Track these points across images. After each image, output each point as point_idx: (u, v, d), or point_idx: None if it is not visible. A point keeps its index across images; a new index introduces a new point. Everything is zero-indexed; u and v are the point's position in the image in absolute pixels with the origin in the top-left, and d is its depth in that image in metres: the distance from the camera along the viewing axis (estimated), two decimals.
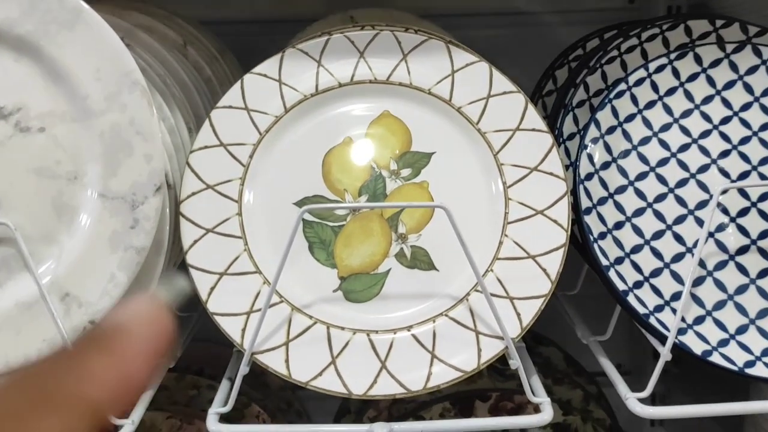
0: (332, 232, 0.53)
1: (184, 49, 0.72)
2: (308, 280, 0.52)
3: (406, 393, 0.48)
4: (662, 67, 0.57)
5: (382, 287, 0.52)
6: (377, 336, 0.50)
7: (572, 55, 0.72)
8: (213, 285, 0.51)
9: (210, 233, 0.52)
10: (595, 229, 0.53)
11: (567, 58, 0.72)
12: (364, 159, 0.54)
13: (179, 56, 0.69)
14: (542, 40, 0.80)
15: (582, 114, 0.61)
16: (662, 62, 0.57)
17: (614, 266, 0.53)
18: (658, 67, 0.56)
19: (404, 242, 0.53)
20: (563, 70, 0.72)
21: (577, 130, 0.61)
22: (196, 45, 0.75)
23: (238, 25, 0.86)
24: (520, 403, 0.87)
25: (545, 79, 0.72)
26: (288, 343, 0.50)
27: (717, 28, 0.61)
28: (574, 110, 0.61)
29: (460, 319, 0.50)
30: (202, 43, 0.77)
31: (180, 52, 0.70)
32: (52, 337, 0.48)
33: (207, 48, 0.77)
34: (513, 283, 0.51)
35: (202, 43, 0.77)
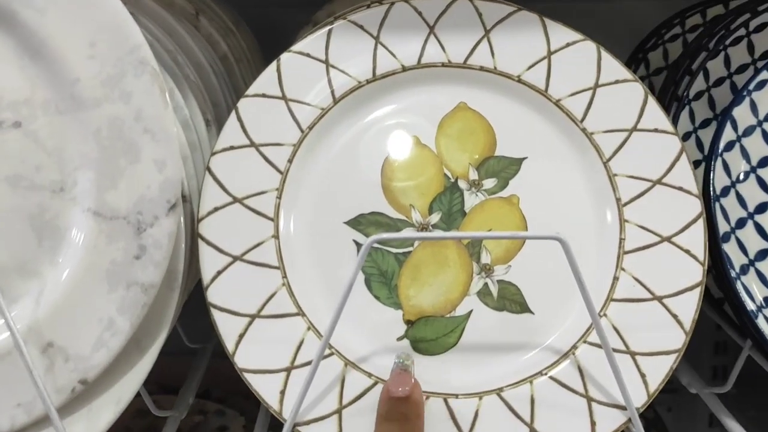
0: (396, 260, 0.41)
1: (196, 20, 0.59)
2: (365, 325, 0.40)
3: None
4: None
5: (461, 335, 0.40)
6: (457, 401, 0.38)
7: (668, 34, 0.59)
8: (242, 331, 0.39)
9: (238, 261, 0.40)
10: (736, 261, 0.41)
11: (662, 38, 0.59)
12: (435, 165, 0.42)
13: (190, 28, 0.56)
14: (624, 17, 0.67)
15: (700, 108, 0.49)
16: None
17: (762, 310, 0.41)
18: None
19: (489, 276, 0.41)
20: (657, 53, 0.59)
21: (693, 128, 0.49)
22: (208, 15, 0.62)
23: None
24: None
25: (634, 64, 0.60)
26: (341, 410, 0.38)
27: None
28: (690, 103, 0.48)
29: (566, 380, 0.38)
30: (215, 13, 0.65)
31: (191, 23, 0.58)
32: (31, 401, 0.36)
33: (221, 18, 0.64)
34: (634, 333, 0.39)
35: (215, 13, 0.65)
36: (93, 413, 0.37)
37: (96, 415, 0.37)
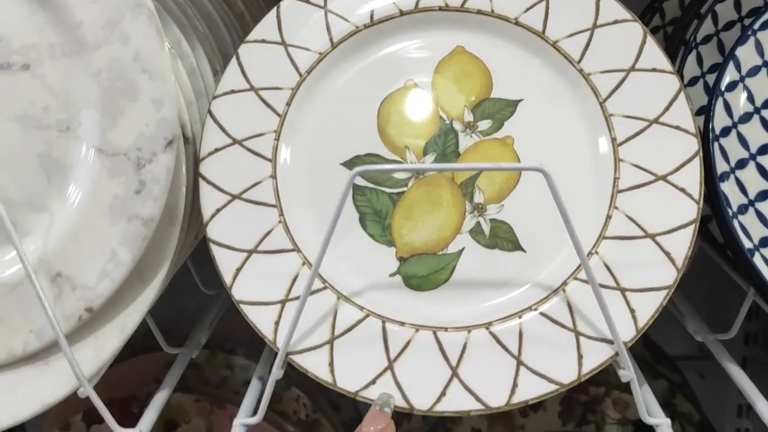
0: (390, 200, 0.42)
1: None
2: (359, 261, 0.41)
3: (483, 409, 0.37)
4: None
5: (453, 272, 0.41)
6: (446, 335, 0.39)
7: None
8: (239, 266, 0.40)
9: (236, 200, 0.41)
10: (734, 200, 0.41)
11: None
12: (431, 108, 0.43)
13: None
14: None
15: (708, 52, 0.48)
16: None
17: (759, 249, 0.40)
18: None
19: (481, 214, 0.41)
20: (673, 2, 0.58)
21: (700, 73, 0.48)
22: None
23: None
24: (596, 396, 0.77)
25: (650, 13, 0.59)
26: (333, 341, 0.39)
27: None
28: (698, 47, 0.47)
29: (555, 315, 0.39)
30: None
31: None
32: (41, 327, 0.39)
33: None
34: (625, 270, 0.39)
35: None
36: (99, 340, 0.39)
37: (102, 342, 0.39)
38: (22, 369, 0.40)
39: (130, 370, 0.80)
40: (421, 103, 0.43)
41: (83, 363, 0.39)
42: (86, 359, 0.39)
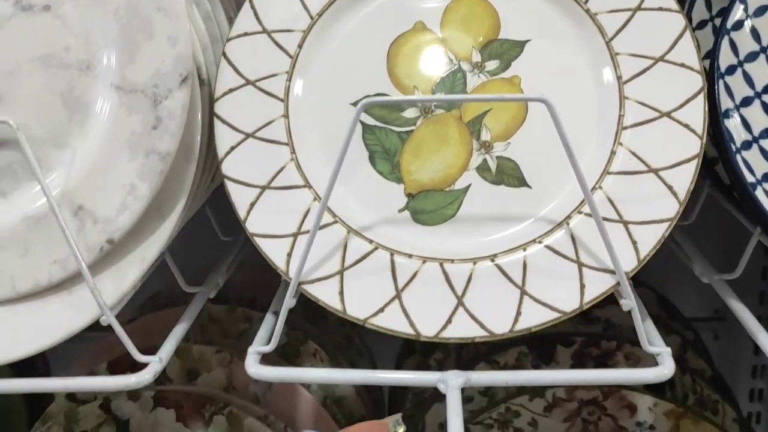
0: (398, 138, 0.43)
1: None
2: (368, 198, 0.42)
3: (487, 336, 0.39)
4: None
5: (459, 207, 0.42)
6: (452, 266, 0.40)
7: None
8: (253, 200, 0.42)
9: (250, 138, 0.42)
10: (738, 137, 0.41)
11: None
12: (439, 49, 0.44)
13: None
14: None
15: None
16: None
17: (762, 184, 0.41)
18: None
19: (488, 152, 0.42)
20: None
21: (709, 17, 0.48)
22: None
23: None
24: (608, 350, 0.77)
25: None
26: (343, 271, 0.40)
27: None
28: None
29: (558, 247, 0.40)
30: None
31: None
32: (65, 258, 0.41)
33: None
34: (628, 204, 0.40)
35: None
36: (120, 272, 0.41)
37: (123, 273, 0.41)
38: (47, 298, 0.42)
39: (153, 323, 0.82)
40: (430, 44, 0.44)
41: (105, 293, 0.41)
42: (107, 289, 0.41)
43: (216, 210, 0.58)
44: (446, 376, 0.38)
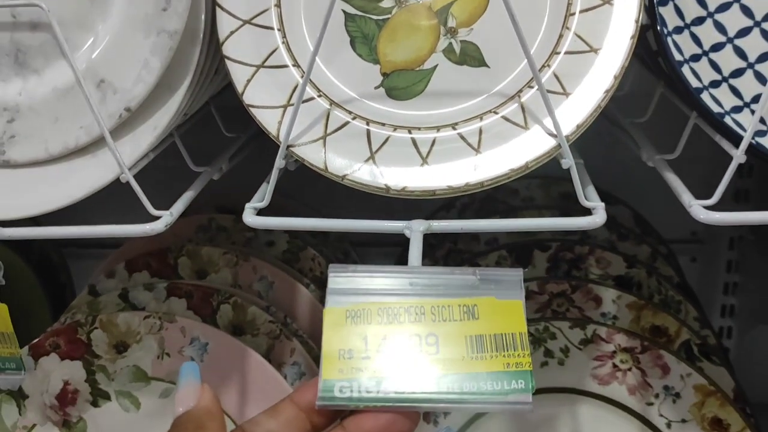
0: (376, 25, 0.49)
1: None
2: (349, 76, 0.49)
3: (447, 190, 0.45)
4: None
5: (428, 84, 0.48)
6: (419, 133, 0.47)
7: None
8: (249, 77, 0.48)
9: (247, 24, 0.49)
10: (671, 22, 0.47)
11: None
12: None
13: None
14: None
15: None
16: None
17: (689, 62, 0.47)
18: None
19: (454, 37, 0.48)
20: None
21: None
22: None
23: None
24: (581, 254, 0.84)
25: None
26: (325, 137, 0.47)
27: None
28: None
29: (510, 116, 0.46)
30: None
31: None
32: (89, 124, 0.48)
33: None
34: (571, 79, 0.46)
35: None
36: (136, 137, 0.48)
37: (138, 138, 0.48)
38: (74, 161, 0.49)
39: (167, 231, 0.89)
40: None
41: (124, 155, 0.48)
42: (126, 152, 0.48)
43: (221, 109, 0.65)
44: (411, 223, 0.45)
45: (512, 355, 0.38)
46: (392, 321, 0.39)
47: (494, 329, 0.38)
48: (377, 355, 0.39)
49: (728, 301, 1.05)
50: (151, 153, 0.51)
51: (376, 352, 0.39)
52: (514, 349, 0.38)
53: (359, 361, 0.39)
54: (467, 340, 0.39)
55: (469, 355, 0.39)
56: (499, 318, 0.38)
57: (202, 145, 0.61)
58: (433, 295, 0.39)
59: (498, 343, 0.38)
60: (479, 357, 0.38)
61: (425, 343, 0.39)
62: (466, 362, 0.39)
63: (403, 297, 0.39)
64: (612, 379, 0.70)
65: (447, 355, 0.39)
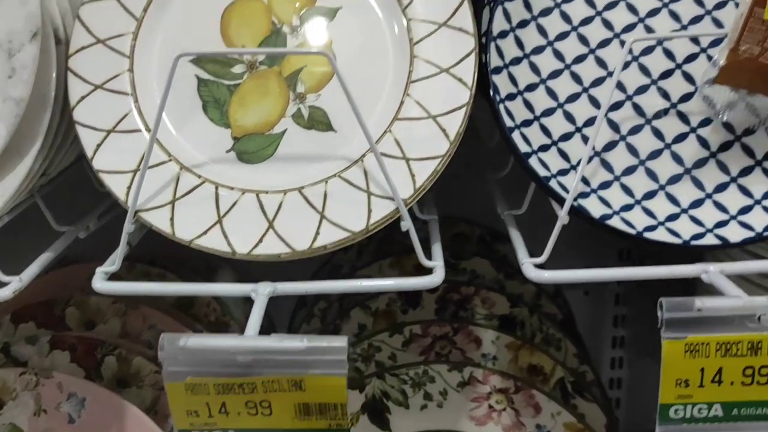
0: (228, 90, 0.51)
1: None
2: (201, 140, 0.50)
3: (291, 253, 0.47)
4: None
5: (277, 148, 0.50)
6: (267, 196, 0.48)
7: None
8: (99, 142, 0.49)
9: (99, 89, 0.50)
10: (504, 89, 0.50)
11: None
12: (265, 14, 0.51)
13: None
14: None
15: None
16: None
17: (520, 128, 0.50)
18: None
19: (302, 102, 0.50)
20: None
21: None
22: None
23: None
24: (466, 295, 0.86)
25: None
26: (174, 201, 0.48)
27: None
28: None
29: (353, 180, 0.48)
30: None
31: None
32: None
33: None
34: (410, 144, 0.48)
35: None
36: None
37: None
38: None
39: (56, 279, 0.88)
40: (257, 10, 0.51)
41: None
42: None
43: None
44: (257, 286, 0.47)
45: (334, 417, 0.40)
46: (228, 392, 0.40)
47: (319, 399, 0.40)
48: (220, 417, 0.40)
49: (618, 333, 1.10)
50: (6, 216, 0.51)
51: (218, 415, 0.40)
52: (335, 417, 0.40)
53: (205, 423, 0.40)
54: (296, 406, 0.40)
55: (297, 417, 0.40)
56: (323, 391, 0.40)
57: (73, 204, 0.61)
58: (262, 372, 0.40)
59: (322, 410, 0.40)
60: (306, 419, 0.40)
61: (259, 406, 0.41)
62: (296, 423, 0.40)
63: (234, 376, 0.40)
64: (488, 419, 0.72)
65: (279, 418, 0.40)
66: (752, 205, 0.48)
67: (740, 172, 0.50)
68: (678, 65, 0.51)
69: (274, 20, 0.51)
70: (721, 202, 0.49)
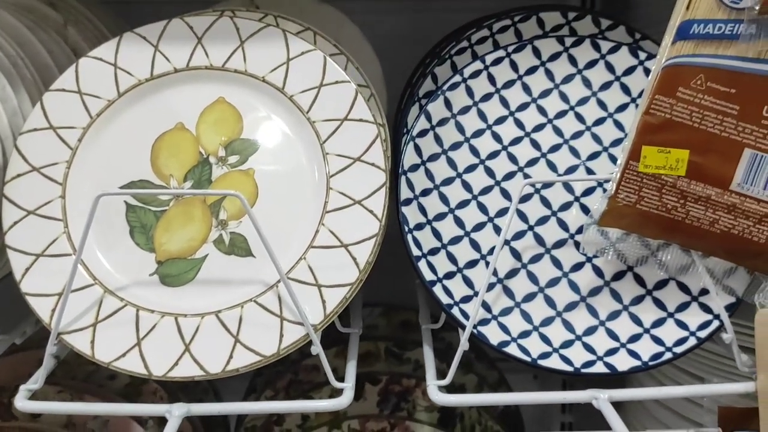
0: (154, 216, 0.54)
1: (65, 30, 0.72)
2: (126, 264, 0.53)
3: (204, 375, 0.49)
4: (500, 59, 0.57)
5: (198, 272, 0.53)
6: (185, 320, 0.51)
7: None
8: (28, 266, 0.52)
9: (31, 215, 0.53)
10: (413, 220, 0.54)
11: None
12: (193, 145, 0.55)
13: (57, 38, 0.69)
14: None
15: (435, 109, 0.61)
16: (500, 54, 0.56)
17: (427, 257, 0.53)
18: (495, 60, 0.56)
19: (224, 228, 0.53)
20: None
21: None
22: (82, 25, 0.75)
23: (147, 5, 0.85)
24: (408, 387, 0.89)
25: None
26: (96, 324, 0.51)
27: (569, 21, 0.61)
28: (420, 101, 0.61)
29: (267, 305, 0.51)
30: (93, 24, 0.78)
31: (59, 33, 0.71)
32: None
33: (94, 27, 0.77)
34: (323, 271, 0.51)
35: (93, 24, 0.78)
36: None
37: None
38: None
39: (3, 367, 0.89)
40: (186, 141, 0.55)
41: None
42: None
43: None
44: (172, 407, 0.49)
45: None
46: None
47: None
48: None
49: (566, 419, 1.11)
50: None
51: None
52: None
53: None
54: None
55: None
56: None
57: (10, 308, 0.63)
58: None
59: None
60: None
61: None
62: None
63: None
64: None
65: None
66: (641, 334, 0.52)
67: (632, 300, 0.53)
68: (576, 198, 0.54)
69: (201, 151, 0.55)
70: (612, 329, 0.52)
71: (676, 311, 0.52)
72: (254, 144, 0.55)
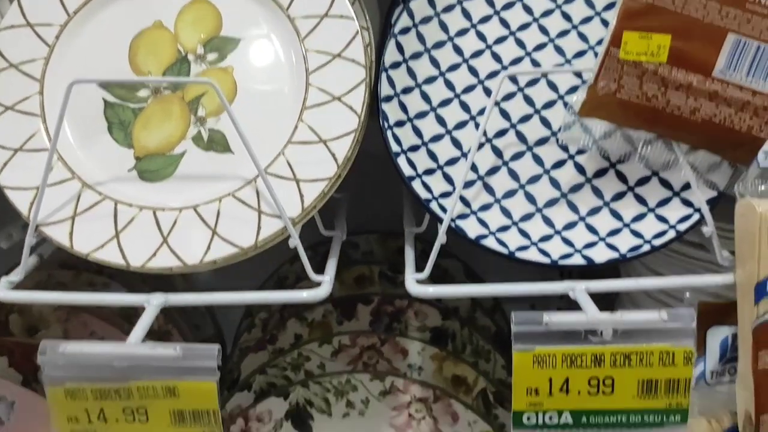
0: (132, 113, 0.53)
1: None
2: (104, 160, 0.53)
3: (182, 266, 0.50)
4: None
5: (177, 168, 0.53)
6: (163, 213, 0.51)
7: None
8: (7, 160, 0.52)
9: (9, 110, 0.53)
10: (393, 116, 0.53)
11: None
12: (171, 43, 0.54)
13: None
14: None
15: None
16: None
17: (407, 153, 0.53)
18: None
19: (203, 125, 0.53)
20: None
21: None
22: None
23: None
24: (400, 307, 0.89)
25: None
26: (74, 217, 0.51)
27: None
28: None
29: (246, 199, 0.51)
30: None
31: None
32: None
33: None
34: (301, 167, 0.51)
35: None
36: None
37: None
38: None
39: None
40: (164, 39, 0.54)
41: None
42: None
43: None
44: (150, 297, 0.49)
45: (207, 424, 0.43)
46: (105, 398, 0.43)
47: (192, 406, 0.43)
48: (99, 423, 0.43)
49: None
50: None
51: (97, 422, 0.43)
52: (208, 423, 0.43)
53: (84, 429, 0.43)
54: (171, 413, 0.43)
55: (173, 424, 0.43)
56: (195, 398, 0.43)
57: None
58: (138, 378, 0.43)
59: (196, 417, 0.43)
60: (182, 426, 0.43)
61: (136, 412, 0.43)
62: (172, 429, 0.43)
63: (110, 382, 0.43)
64: (407, 427, 0.75)
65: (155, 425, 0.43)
66: (621, 228, 0.51)
67: (613, 196, 0.52)
68: (560, 96, 0.54)
69: (179, 48, 0.54)
70: (592, 224, 0.52)
71: (657, 206, 0.51)
72: (233, 41, 0.54)
